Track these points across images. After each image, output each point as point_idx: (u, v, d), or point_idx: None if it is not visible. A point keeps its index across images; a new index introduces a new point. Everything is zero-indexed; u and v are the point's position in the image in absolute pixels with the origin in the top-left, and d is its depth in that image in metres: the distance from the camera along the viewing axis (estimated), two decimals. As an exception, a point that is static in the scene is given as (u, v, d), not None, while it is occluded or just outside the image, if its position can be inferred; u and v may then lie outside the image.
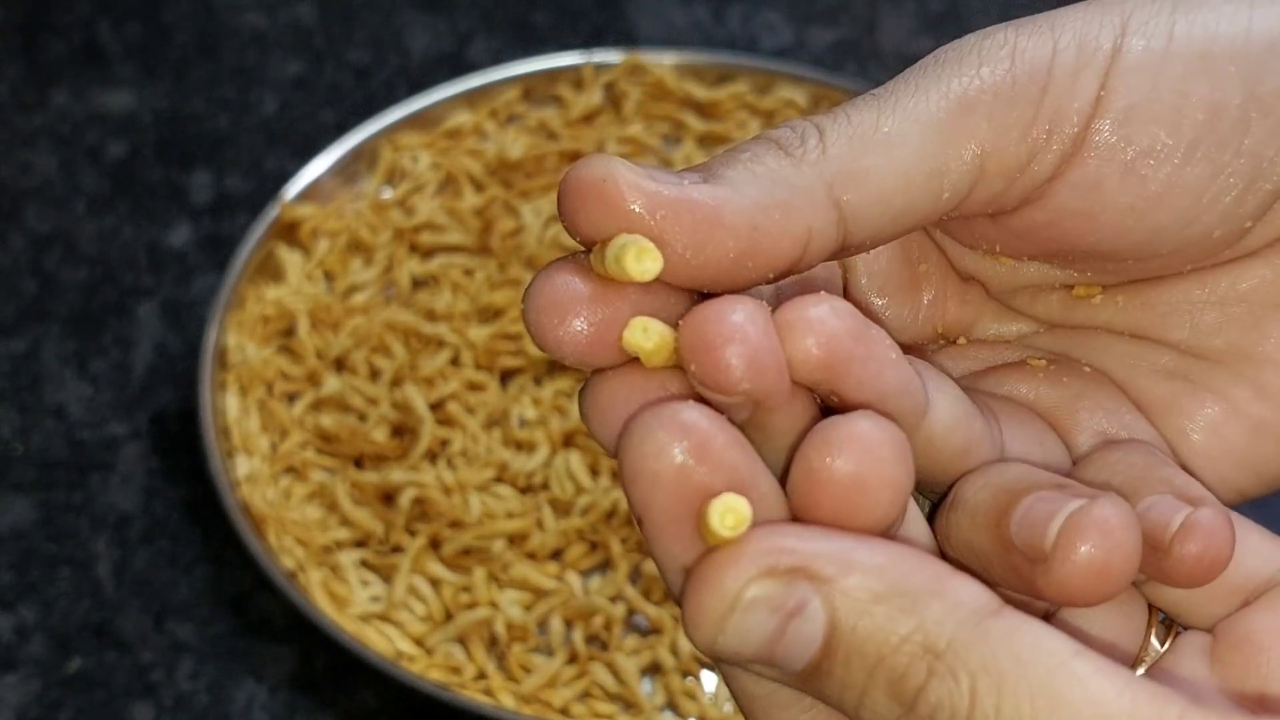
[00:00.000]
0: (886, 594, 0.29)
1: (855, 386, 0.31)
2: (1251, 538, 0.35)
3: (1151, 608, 0.35)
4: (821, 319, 0.30)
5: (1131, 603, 0.35)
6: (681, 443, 0.30)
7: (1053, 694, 0.28)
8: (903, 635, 0.29)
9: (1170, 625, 0.35)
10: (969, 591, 0.29)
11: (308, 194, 0.94)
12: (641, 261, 0.31)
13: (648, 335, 0.31)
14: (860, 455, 0.30)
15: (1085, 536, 0.30)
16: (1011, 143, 0.33)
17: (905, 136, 0.33)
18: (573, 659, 0.79)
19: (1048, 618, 0.34)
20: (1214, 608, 0.34)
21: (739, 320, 0.30)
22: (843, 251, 0.33)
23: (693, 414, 0.30)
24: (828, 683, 0.30)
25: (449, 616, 0.81)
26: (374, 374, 0.88)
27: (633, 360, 0.32)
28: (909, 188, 0.33)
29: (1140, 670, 0.34)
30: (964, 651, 0.29)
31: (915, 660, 0.29)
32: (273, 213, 0.92)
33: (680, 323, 0.31)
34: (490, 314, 0.91)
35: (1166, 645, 0.35)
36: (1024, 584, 0.32)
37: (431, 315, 0.90)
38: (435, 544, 0.82)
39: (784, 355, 0.30)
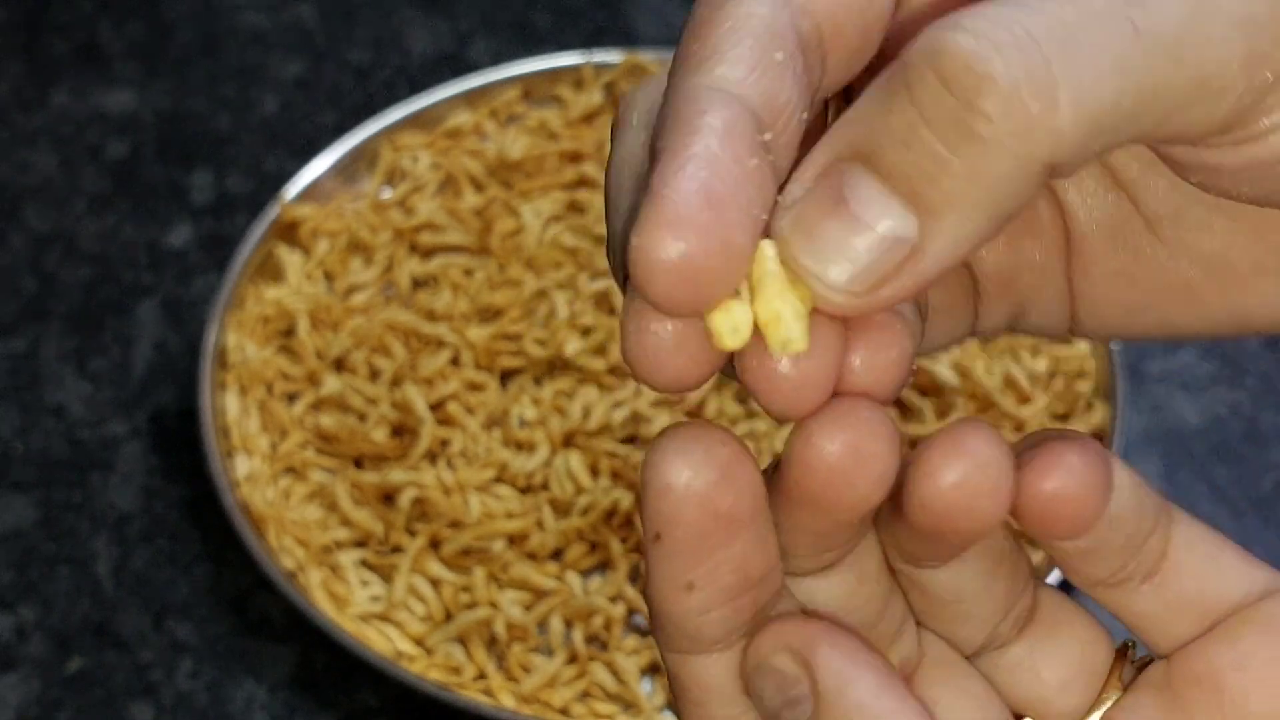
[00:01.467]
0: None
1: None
2: (1226, 555, 0.33)
3: (1120, 650, 0.34)
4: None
5: (1093, 639, 0.34)
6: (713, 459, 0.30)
7: None
8: None
9: (1135, 661, 0.34)
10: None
11: (308, 194, 0.94)
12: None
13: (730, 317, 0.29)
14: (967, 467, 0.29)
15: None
16: None
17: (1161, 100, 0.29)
18: (573, 659, 0.79)
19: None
20: (1180, 629, 0.33)
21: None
22: None
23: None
24: None
25: (449, 616, 0.81)
26: (374, 374, 0.88)
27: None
28: (1118, 145, 0.30)
29: (1098, 714, 0.34)
30: None
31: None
32: (273, 213, 0.92)
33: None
34: (490, 314, 0.91)
35: (1128, 683, 0.34)
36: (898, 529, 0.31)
37: (431, 315, 0.90)
38: (435, 544, 0.82)
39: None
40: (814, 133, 0.30)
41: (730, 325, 0.28)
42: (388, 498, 0.84)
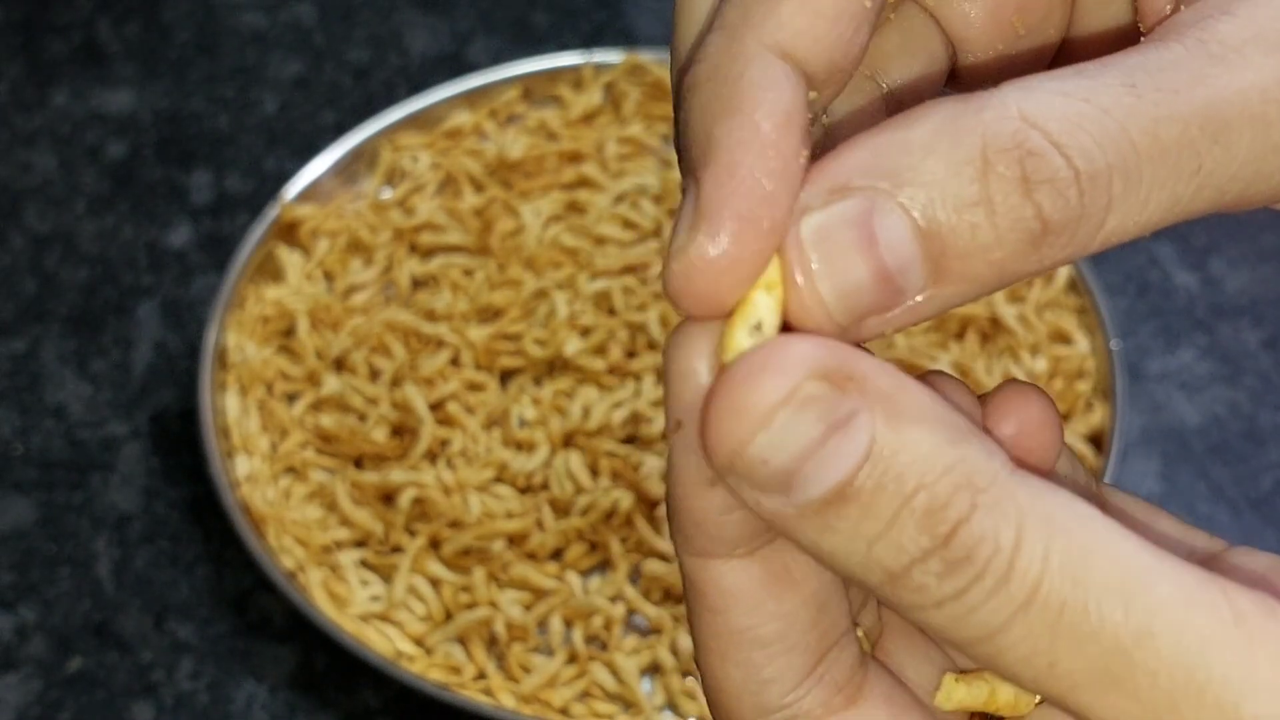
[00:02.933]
0: (933, 424, 0.27)
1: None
2: (1161, 521, 0.33)
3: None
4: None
5: None
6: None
7: (1101, 545, 0.27)
8: (947, 465, 0.27)
9: None
10: (999, 446, 0.28)
11: (308, 194, 0.94)
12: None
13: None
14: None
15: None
16: None
17: (1205, 210, 0.29)
18: (572, 659, 0.79)
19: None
20: None
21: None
22: None
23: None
24: (844, 514, 0.27)
25: (449, 616, 0.81)
26: (374, 374, 0.88)
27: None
28: None
29: None
30: (1012, 490, 0.27)
31: (960, 491, 0.27)
32: (273, 213, 0.92)
33: None
34: (490, 314, 0.91)
35: None
36: None
37: (431, 315, 0.90)
38: (435, 544, 0.82)
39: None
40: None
41: (755, 320, 0.28)
42: (388, 498, 0.84)
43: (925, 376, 0.30)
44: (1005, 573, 0.27)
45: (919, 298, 0.28)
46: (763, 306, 0.28)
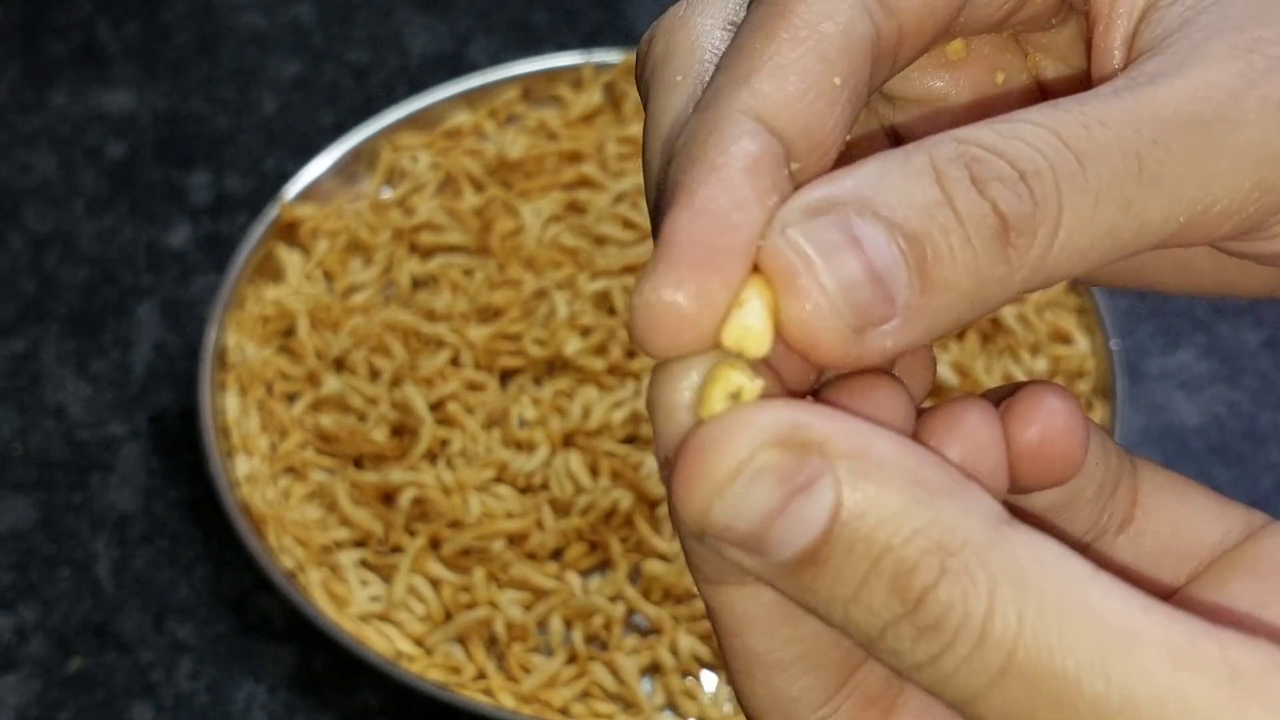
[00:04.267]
0: (901, 485, 0.27)
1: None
2: (1196, 496, 0.33)
3: None
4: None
5: None
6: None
7: (1080, 608, 0.26)
8: (916, 528, 0.27)
9: None
10: (983, 497, 0.27)
11: (307, 194, 0.94)
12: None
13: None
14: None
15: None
16: None
17: (1159, 231, 0.29)
18: (572, 659, 0.79)
19: None
20: (1163, 579, 0.33)
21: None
22: None
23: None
24: (819, 576, 0.27)
25: (449, 616, 0.81)
26: (374, 374, 0.88)
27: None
28: (1116, 260, 0.30)
29: None
30: (983, 553, 0.26)
31: (927, 556, 0.26)
32: (272, 213, 0.92)
33: None
34: (490, 314, 0.91)
35: None
36: None
37: (431, 315, 0.90)
38: (435, 544, 0.82)
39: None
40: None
41: (747, 335, 0.28)
42: (388, 498, 0.84)
43: (953, 403, 0.30)
44: (978, 640, 0.26)
45: (910, 308, 0.28)
46: (740, 370, 0.28)
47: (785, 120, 0.29)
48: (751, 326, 0.28)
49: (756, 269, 0.28)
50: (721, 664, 0.33)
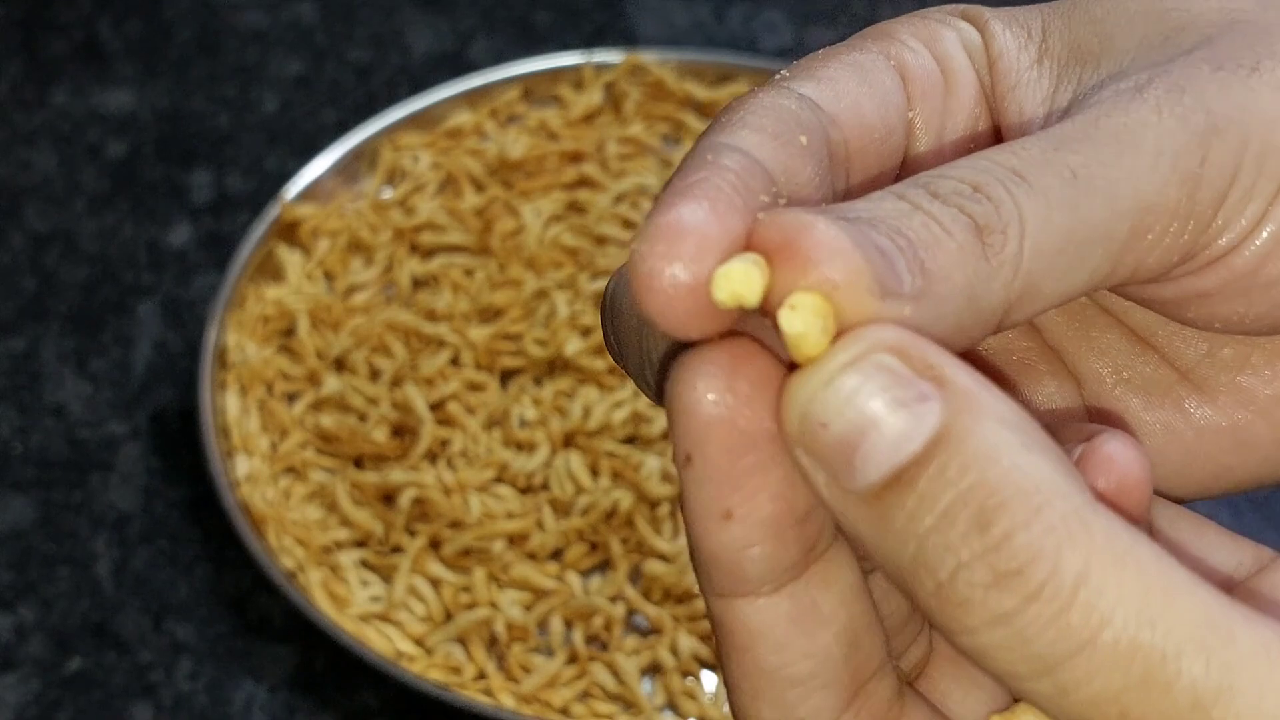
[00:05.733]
0: (1010, 429, 0.26)
1: None
2: (1209, 532, 0.33)
3: None
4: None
5: None
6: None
7: (1182, 590, 0.25)
8: (1014, 464, 0.26)
9: None
10: (1078, 474, 0.27)
11: (308, 194, 0.94)
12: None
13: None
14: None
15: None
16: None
17: (1109, 234, 0.30)
18: (573, 659, 0.79)
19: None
20: None
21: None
22: None
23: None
24: (899, 502, 0.26)
25: (449, 616, 0.81)
26: (374, 374, 0.88)
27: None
28: (1088, 286, 0.30)
29: None
30: (1084, 514, 0.25)
31: (1020, 496, 0.25)
32: (273, 212, 0.92)
33: None
34: (490, 314, 0.91)
35: None
36: None
37: (431, 315, 0.90)
38: (435, 544, 0.82)
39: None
40: None
41: (742, 287, 0.27)
42: (388, 498, 0.84)
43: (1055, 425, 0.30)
44: (1066, 601, 0.25)
45: (916, 295, 0.28)
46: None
47: (763, 155, 0.29)
48: (746, 272, 0.27)
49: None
50: (727, 685, 0.32)
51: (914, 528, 0.26)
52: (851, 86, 0.32)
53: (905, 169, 0.33)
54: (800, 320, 0.27)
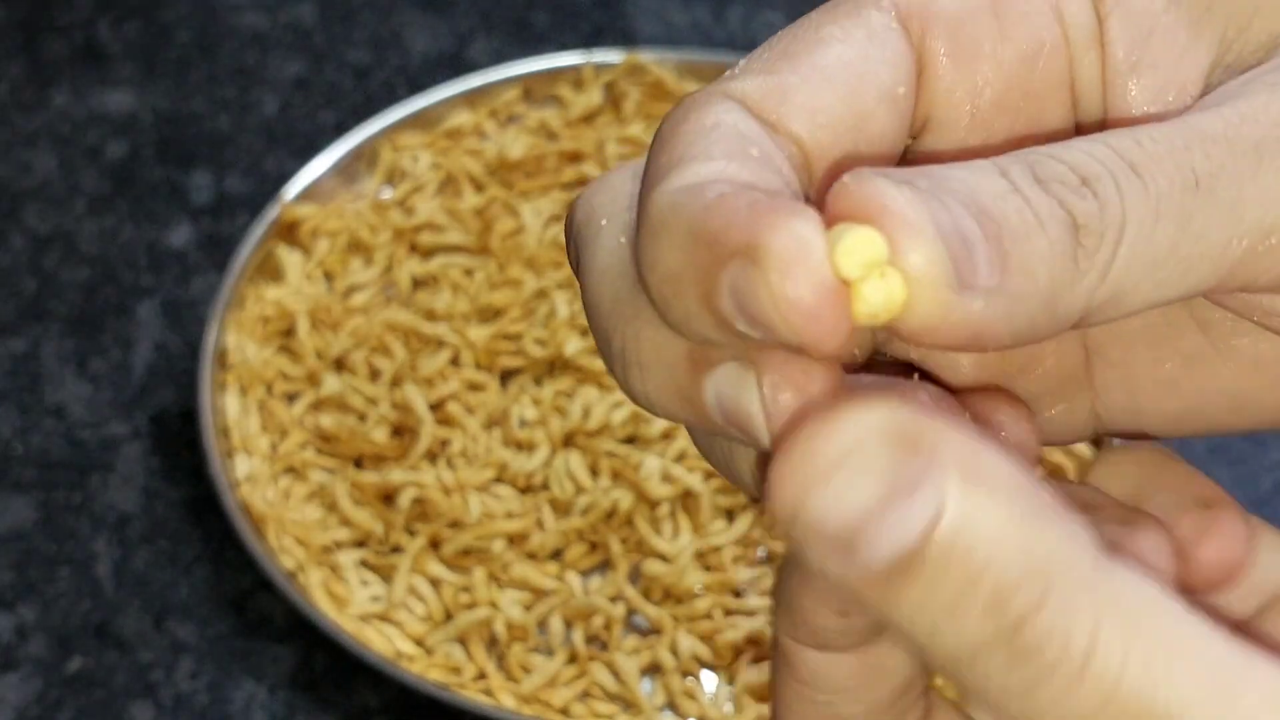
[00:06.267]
0: (1009, 500, 0.25)
1: None
2: (1265, 535, 0.33)
3: None
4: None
5: None
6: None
7: (1188, 647, 0.25)
8: (1021, 545, 0.25)
9: None
10: (1086, 525, 0.26)
11: (308, 194, 0.94)
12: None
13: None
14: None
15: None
16: None
17: (1222, 253, 0.28)
18: (573, 659, 0.79)
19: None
20: (1230, 611, 0.32)
21: None
22: None
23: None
24: (910, 588, 0.25)
25: (449, 616, 0.81)
26: (374, 374, 0.88)
27: None
28: (1186, 296, 0.29)
29: None
30: (1089, 581, 0.25)
31: (1030, 578, 0.25)
32: (273, 213, 0.92)
33: None
34: (490, 314, 0.91)
35: None
36: None
37: (431, 315, 0.90)
38: (435, 544, 0.82)
39: None
40: None
41: (880, 299, 0.26)
42: (388, 498, 0.84)
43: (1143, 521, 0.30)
44: (1078, 672, 0.25)
45: (991, 289, 0.27)
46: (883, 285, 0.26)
47: (735, 177, 0.28)
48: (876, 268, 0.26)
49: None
50: (774, 702, 0.33)
51: (927, 612, 0.26)
52: (809, 74, 0.30)
53: (928, 132, 0.31)
54: (857, 266, 0.26)
